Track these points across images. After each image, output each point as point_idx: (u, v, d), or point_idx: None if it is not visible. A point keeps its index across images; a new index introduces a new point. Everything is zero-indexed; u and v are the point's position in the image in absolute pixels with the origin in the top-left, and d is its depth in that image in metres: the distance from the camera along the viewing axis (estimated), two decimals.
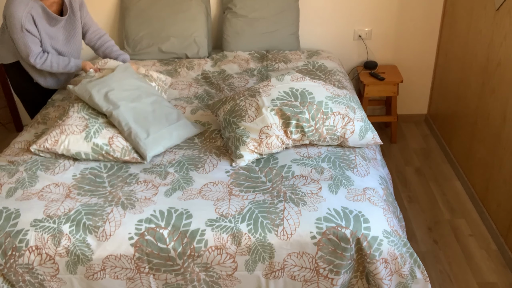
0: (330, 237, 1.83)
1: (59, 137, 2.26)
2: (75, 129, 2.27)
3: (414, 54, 3.66)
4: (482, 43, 2.85)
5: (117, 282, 1.89)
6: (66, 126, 2.29)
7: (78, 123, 2.30)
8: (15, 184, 2.12)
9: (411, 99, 3.84)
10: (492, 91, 2.73)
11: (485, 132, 2.82)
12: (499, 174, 2.65)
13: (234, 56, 3.31)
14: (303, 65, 3.14)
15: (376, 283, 1.86)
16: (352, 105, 2.30)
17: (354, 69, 3.71)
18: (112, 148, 2.23)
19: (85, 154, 2.24)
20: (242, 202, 1.96)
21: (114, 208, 1.95)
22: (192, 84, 2.97)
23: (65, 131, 2.27)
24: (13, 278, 1.90)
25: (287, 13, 3.34)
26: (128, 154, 2.23)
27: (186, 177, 2.12)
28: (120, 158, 2.24)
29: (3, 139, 3.82)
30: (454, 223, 2.85)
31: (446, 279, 2.48)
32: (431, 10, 3.50)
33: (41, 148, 2.26)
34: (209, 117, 2.58)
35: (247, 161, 2.19)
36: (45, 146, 2.26)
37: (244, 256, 1.85)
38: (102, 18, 3.52)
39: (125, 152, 2.23)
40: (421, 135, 3.74)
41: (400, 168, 3.35)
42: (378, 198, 2.00)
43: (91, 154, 2.24)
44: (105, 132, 2.27)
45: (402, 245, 1.88)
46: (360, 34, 3.58)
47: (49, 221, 1.91)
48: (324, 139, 2.24)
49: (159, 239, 1.84)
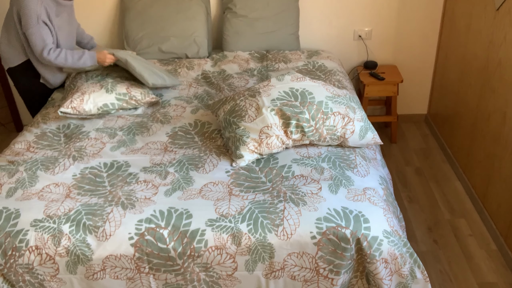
0: (330, 237, 1.83)
1: (83, 97, 2.55)
2: (94, 88, 2.61)
3: (414, 54, 3.66)
4: (482, 43, 2.85)
5: (117, 282, 1.89)
6: (85, 89, 2.60)
7: (92, 86, 2.63)
8: (15, 184, 2.12)
9: (411, 99, 3.84)
10: (492, 91, 2.73)
11: (485, 132, 2.82)
12: (499, 174, 2.65)
13: (234, 56, 3.31)
14: (303, 65, 3.14)
15: (376, 283, 1.86)
16: (352, 105, 2.30)
17: (354, 69, 3.71)
18: (132, 94, 2.63)
19: (111, 104, 2.58)
20: (242, 202, 1.96)
21: (114, 208, 1.95)
22: (192, 84, 2.97)
23: (86, 91, 2.58)
24: (13, 278, 1.90)
25: (287, 13, 3.34)
26: (148, 95, 2.67)
27: (186, 177, 2.12)
28: (142, 100, 2.65)
29: (3, 139, 3.82)
30: (454, 223, 2.85)
31: (446, 279, 2.48)
32: (431, 10, 3.50)
33: (68, 109, 2.45)
34: (209, 117, 2.58)
35: (247, 161, 2.19)
36: (72, 106, 2.47)
37: (244, 256, 1.85)
38: (102, 18, 3.52)
39: (144, 94, 2.66)
40: (421, 135, 3.74)
41: (400, 168, 3.35)
42: (378, 198, 2.00)
43: (116, 103, 2.59)
44: (119, 86, 2.65)
45: (402, 245, 1.88)
46: (360, 34, 3.58)
47: (49, 221, 1.91)
48: (324, 139, 2.24)
49: (159, 239, 1.84)
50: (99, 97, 2.56)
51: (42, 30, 2.52)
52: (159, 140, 2.41)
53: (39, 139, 2.45)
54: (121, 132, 2.49)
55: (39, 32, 2.52)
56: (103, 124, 2.57)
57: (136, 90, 2.66)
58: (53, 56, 2.56)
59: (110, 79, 2.70)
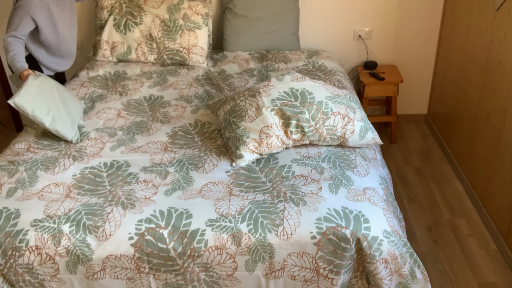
0: (330, 237, 1.83)
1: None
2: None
3: (414, 54, 3.66)
4: (482, 43, 2.85)
5: (117, 282, 1.89)
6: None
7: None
8: (15, 184, 2.12)
9: (411, 99, 3.84)
10: (492, 91, 2.73)
11: (485, 132, 2.82)
12: (499, 174, 2.65)
13: (234, 56, 3.31)
14: (303, 65, 3.14)
15: (376, 283, 1.86)
16: (352, 105, 2.30)
17: (354, 69, 3.71)
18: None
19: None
20: (242, 202, 1.96)
21: (114, 208, 1.95)
22: (192, 84, 2.97)
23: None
24: (13, 278, 1.90)
25: (287, 13, 3.34)
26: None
27: (186, 177, 2.12)
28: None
29: (3, 139, 3.82)
30: (454, 223, 2.85)
31: (446, 279, 2.48)
32: (431, 10, 3.50)
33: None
34: (209, 116, 2.58)
35: (247, 161, 2.19)
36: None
37: (244, 256, 1.85)
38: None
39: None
40: (421, 135, 3.74)
41: (400, 168, 3.35)
42: (378, 198, 2.00)
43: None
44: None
45: (402, 245, 1.88)
46: (360, 34, 3.58)
47: (49, 221, 1.91)
48: (324, 139, 2.24)
49: (159, 239, 1.84)
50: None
51: (23, 20, 2.59)
52: (159, 140, 2.41)
53: (40, 139, 2.45)
54: (121, 132, 2.49)
55: (20, 20, 2.59)
56: (103, 124, 2.57)
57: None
58: (9, 41, 2.59)
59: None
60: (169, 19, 3.19)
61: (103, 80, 3.05)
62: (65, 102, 2.52)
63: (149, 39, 3.19)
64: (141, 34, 3.19)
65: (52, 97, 2.46)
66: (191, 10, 3.22)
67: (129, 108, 2.72)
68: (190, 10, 3.22)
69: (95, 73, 3.11)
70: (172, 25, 3.19)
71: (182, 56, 3.19)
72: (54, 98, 2.47)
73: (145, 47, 3.20)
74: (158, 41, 3.18)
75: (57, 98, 2.49)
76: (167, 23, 3.19)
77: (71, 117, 2.49)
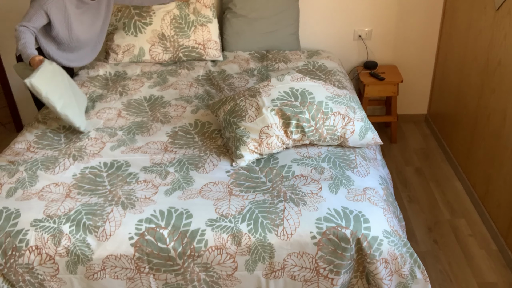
0: (330, 237, 1.83)
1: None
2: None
3: (414, 54, 3.66)
4: (482, 43, 2.85)
5: (117, 282, 1.89)
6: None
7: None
8: (15, 184, 2.12)
9: (411, 99, 3.84)
10: (492, 91, 2.73)
11: (485, 132, 2.82)
12: (499, 174, 2.65)
13: (234, 56, 3.31)
14: (303, 65, 3.14)
15: (376, 283, 1.86)
16: (352, 105, 2.30)
17: (354, 69, 3.71)
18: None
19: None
20: (242, 202, 1.96)
21: (114, 208, 1.95)
22: (192, 84, 2.97)
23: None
24: (13, 278, 1.90)
25: (287, 13, 3.34)
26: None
27: (186, 176, 2.12)
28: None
29: (3, 139, 3.83)
30: (454, 223, 2.85)
31: (446, 279, 2.48)
32: (431, 10, 3.50)
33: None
34: (209, 116, 2.58)
35: (247, 161, 2.19)
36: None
37: (244, 256, 1.85)
38: None
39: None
40: (421, 135, 3.74)
41: (400, 168, 3.35)
42: (378, 198, 2.00)
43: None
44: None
45: (402, 245, 1.88)
46: (360, 34, 3.58)
47: (49, 221, 1.91)
48: (324, 139, 2.24)
49: (159, 239, 1.84)
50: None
51: (37, 13, 2.61)
52: (159, 140, 2.41)
53: (40, 139, 2.45)
54: (121, 132, 2.49)
55: (34, 12, 2.62)
56: (103, 124, 2.57)
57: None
58: (20, 29, 2.62)
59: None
60: (180, 15, 3.18)
61: (103, 80, 3.05)
62: (75, 92, 2.57)
63: (162, 39, 3.18)
64: (153, 34, 3.18)
65: (64, 85, 2.49)
66: (199, 3, 3.23)
67: (129, 108, 2.72)
68: (198, 3, 3.23)
69: (95, 73, 3.11)
70: (184, 21, 3.18)
71: (199, 52, 3.21)
72: (66, 86, 2.50)
73: (158, 47, 3.19)
74: (172, 39, 3.18)
75: (68, 87, 2.52)
76: (178, 20, 3.18)
77: (80, 107, 2.53)
